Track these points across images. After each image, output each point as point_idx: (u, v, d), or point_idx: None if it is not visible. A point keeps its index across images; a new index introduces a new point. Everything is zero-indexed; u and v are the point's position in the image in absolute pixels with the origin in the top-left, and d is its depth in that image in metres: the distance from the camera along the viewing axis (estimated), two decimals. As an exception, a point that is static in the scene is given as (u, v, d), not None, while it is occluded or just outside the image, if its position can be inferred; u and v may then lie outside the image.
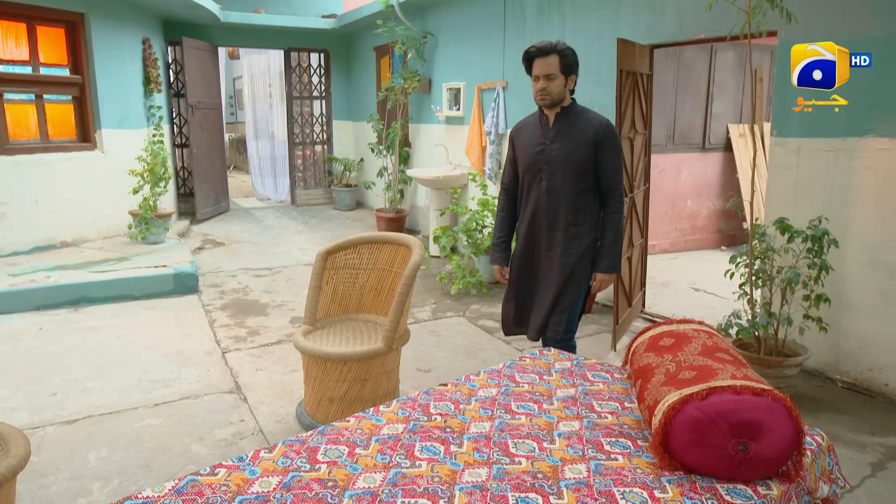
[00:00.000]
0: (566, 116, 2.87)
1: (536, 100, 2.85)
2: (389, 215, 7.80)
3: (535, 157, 2.91)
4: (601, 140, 2.82)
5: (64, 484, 2.68)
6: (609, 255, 2.91)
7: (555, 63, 2.76)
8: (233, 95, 15.48)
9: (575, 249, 2.89)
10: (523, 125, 3.05)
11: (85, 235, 6.44)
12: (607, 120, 2.86)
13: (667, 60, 6.45)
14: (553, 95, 2.80)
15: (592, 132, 2.82)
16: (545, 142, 2.90)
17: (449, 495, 1.57)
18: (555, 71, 2.76)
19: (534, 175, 2.94)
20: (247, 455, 1.73)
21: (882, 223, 3.39)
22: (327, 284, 3.35)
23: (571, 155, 2.84)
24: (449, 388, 2.20)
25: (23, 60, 5.92)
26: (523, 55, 2.84)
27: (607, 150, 2.83)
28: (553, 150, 2.87)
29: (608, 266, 2.92)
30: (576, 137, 2.83)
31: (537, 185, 2.93)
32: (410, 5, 7.21)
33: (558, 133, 2.87)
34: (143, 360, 3.99)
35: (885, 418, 3.26)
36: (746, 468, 1.62)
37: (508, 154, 3.10)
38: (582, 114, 2.88)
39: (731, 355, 1.98)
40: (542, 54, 2.77)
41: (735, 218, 7.23)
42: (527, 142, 2.97)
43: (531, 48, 2.81)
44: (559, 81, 2.78)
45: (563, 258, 2.90)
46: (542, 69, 2.77)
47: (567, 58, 2.78)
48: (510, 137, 3.10)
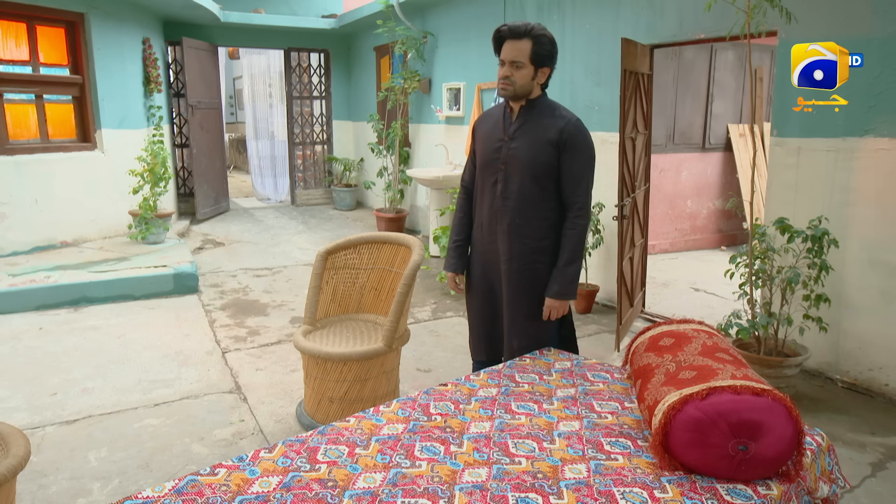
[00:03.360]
0: (531, 111, 2.47)
1: (498, 89, 2.46)
2: (389, 215, 7.80)
3: (492, 155, 2.53)
4: (565, 141, 2.41)
5: (64, 484, 2.68)
6: (561, 278, 2.49)
7: (525, 49, 2.36)
8: (233, 95, 15.47)
9: (536, 266, 2.54)
10: (486, 115, 2.66)
11: (85, 235, 6.44)
12: (577, 119, 2.47)
13: (667, 60, 6.45)
14: (516, 87, 2.41)
15: (556, 132, 2.41)
16: (504, 138, 2.50)
17: (449, 495, 1.57)
18: (523, 59, 2.37)
19: (489, 175, 2.56)
20: (247, 455, 1.73)
21: (882, 223, 3.39)
22: (327, 284, 3.35)
23: (531, 156, 2.44)
24: (449, 388, 2.20)
25: (23, 60, 5.92)
26: (493, 34, 2.43)
27: (571, 154, 2.42)
28: (512, 148, 2.48)
29: (559, 291, 2.50)
30: (537, 136, 2.44)
31: (492, 187, 2.55)
32: (410, 5, 7.21)
33: (520, 129, 2.48)
34: (143, 360, 3.99)
35: (885, 418, 3.26)
36: (746, 468, 1.62)
37: (469, 147, 2.73)
38: (549, 109, 2.47)
39: (731, 355, 1.98)
40: (514, 36, 2.37)
41: (735, 218, 7.23)
42: (486, 135, 2.59)
43: (502, 26, 2.41)
44: (526, 72, 2.39)
45: (523, 274, 2.55)
46: (510, 54, 2.38)
47: (542, 46, 2.38)
48: (472, 128, 2.71)
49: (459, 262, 2.76)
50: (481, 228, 2.65)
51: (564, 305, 2.56)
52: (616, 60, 4.53)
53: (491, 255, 2.63)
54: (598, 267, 5.12)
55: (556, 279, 2.51)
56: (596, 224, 4.90)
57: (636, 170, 4.45)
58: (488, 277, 2.67)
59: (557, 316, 2.57)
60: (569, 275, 2.50)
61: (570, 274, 2.50)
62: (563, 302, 2.54)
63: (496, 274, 2.63)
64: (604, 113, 4.95)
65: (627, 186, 4.18)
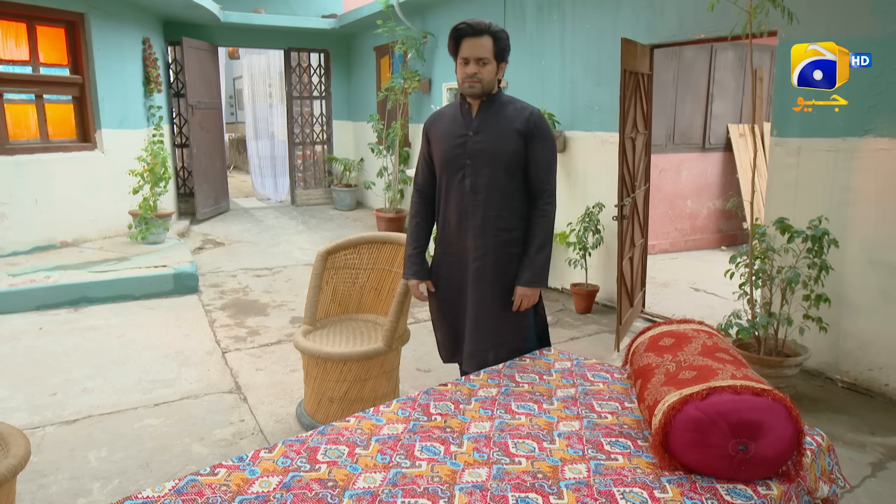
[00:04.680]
0: (492, 105, 2.49)
1: (464, 87, 2.45)
2: (389, 215, 7.80)
3: (456, 151, 2.51)
4: (531, 130, 2.45)
5: (64, 484, 2.68)
6: (532, 265, 2.48)
7: (488, 46, 2.39)
8: (233, 95, 15.48)
9: (510, 258, 2.52)
10: (440, 115, 2.63)
11: (85, 235, 6.44)
12: (538, 109, 2.53)
13: (667, 60, 6.45)
14: (484, 83, 2.42)
15: (522, 122, 2.45)
16: (467, 133, 2.49)
17: (449, 495, 1.57)
18: (488, 55, 2.39)
19: (454, 172, 2.52)
20: (247, 455, 1.73)
21: (882, 223, 3.39)
22: (327, 284, 3.35)
23: (498, 147, 2.46)
24: (449, 388, 2.20)
25: (23, 60, 5.93)
26: (451, 32, 2.43)
27: (538, 143, 2.47)
28: (477, 142, 2.47)
29: (530, 279, 2.48)
30: (503, 127, 2.46)
31: (459, 184, 2.51)
32: (410, 5, 7.22)
33: (483, 123, 2.48)
34: (143, 360, 3.99)
35: (885, 418, 3.26)
36: (746, 468, 1.61)
37: (422, 150, 2.66)
38: (510, 103, 2.51)
39: (731, 355, 1.98)
40: (475, 34, 2.38)
41: (735, 218, 7.23)
42: (444, 133, 2.55)
43: (461, 24, 2.40)
44: (491, 67, 2.41)
45: (498, 268, 2.51)
46: (474, 51, 2.38)
47: (501, 41, 2.42)
48: (424, 130, 2.66)
49: (423, 268, 2.68)
50: (448, 229, 2.60)
51: (535, 294, 2.54)
52: (616, 60, 4.53)
53: (462, 254, 2.57)
54: (598, 267, 5.12)
55: (526, 267, 2.49)
56: (596, 224, 4.90)
57: (636, 170, 4.45)
58: (457, 280, 2.62)
59: (528, 305, 2.54)
60: (539, 262, 2.49)
61: (541, 261, 2.49)
62: (534, 290, 2.52)
63: (466, 275, 2.58)
64: (604, 113, 4.95)
65: (627, 186, 4.18)
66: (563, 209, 5.43)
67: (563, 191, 5.46)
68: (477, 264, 2.53)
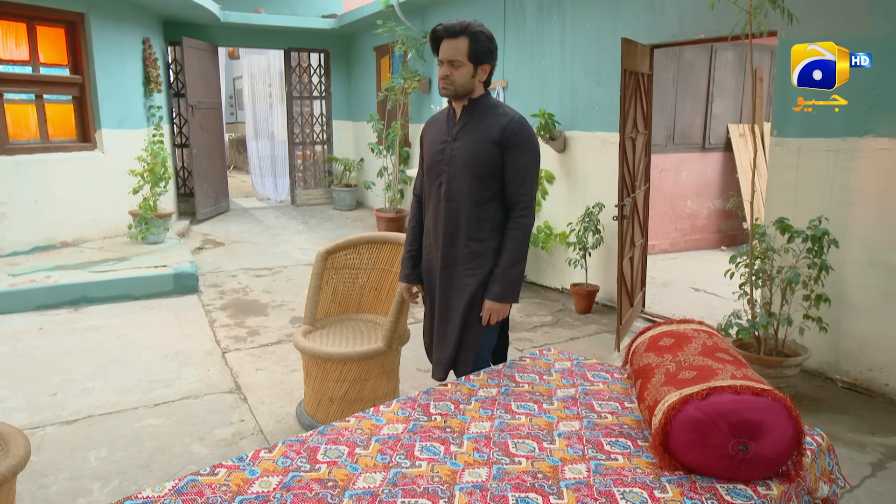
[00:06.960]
0: (473, 110, 2.42)
1: (439, 89, 2.41)
2: (389, 215, 7.80)
3: (437, 158, 2.48)
4: (508, 139, 2.35)
5: (64, 484, 2.68)
6: (503, 279, 2.39)
7: (462, 47, 2.30)
8: (233, 95, 15.48)
9: (477, 270, 2.43)
10: (433, 120, 2.61)
11: (85, 235, 6.44)
12: (521, 116, 2.42)
13: (667, 60, 6.45)
14: (456, 86, 2.36)
15: (499, 130, 2.36)
16: (448, 139, 2.45)
17: (449, 495, 1.57)
18: (461, 57, 2.31)
19: (434, 178, 2.50)
20: (247, 455, 1.73)
21: (882, 223, 3.39)
22: (327, 284, 3.35)
23: (473, 155, 2.38)
24: (449, 388, 2.20)
25: (23, 60, 5.92)
26: (430, 33, 2.38)
27: (514, 152, 2.37)
28: (455, 148, 2.43)
29: (500, 293, 2.39)
30: (480, 135, 2.39)
31: (437, 190, 2.49)
32: (410, 5, 7.21)
33: (463, 129, 2.43)
34: (143, 360, 3.99)
35: (885, 418, 3.26)
36: (746, 468, 1.61)
37: (419, 155, 2.66)
38: (493, 108, 2.42)
39: (731, 355, 1.98)
40: (450, 35, 2.32)
41: (735, 218, 7.24)
42: (432, 139, 2.53)
43: (437, 26, 2.35)
44: (466, 70, 2.34)
45: (463, 279, 2.45)
46: (447, 52, 2.32)
47: (479, 43, 2.32)
48: (421, 135, 2.66)
49: (413, 272, 2.67)
50: (428, 235, 2.58)
51: (505, 309, 2.45)
52: (616, 60, 4.53)
53: (433, 261, 2.56)
54: (598, 267, 5.12)
55: (497, 280, 2.40)
56: (596, 224, 4.90)
57: (636, 170, 4.46)
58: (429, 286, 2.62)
59: (497, 320, 2.45)
60: (512, 276, 2.40)
61: (514, 276, 2.40)
62: (503, 305, 2.43)
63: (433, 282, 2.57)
64: (604, 113, 4.95)
65: (627, 186, 4.18)
66: (563, 209, 5.44)
67: (563, 191, 5.46)
68: (445, 272, 2.49)
